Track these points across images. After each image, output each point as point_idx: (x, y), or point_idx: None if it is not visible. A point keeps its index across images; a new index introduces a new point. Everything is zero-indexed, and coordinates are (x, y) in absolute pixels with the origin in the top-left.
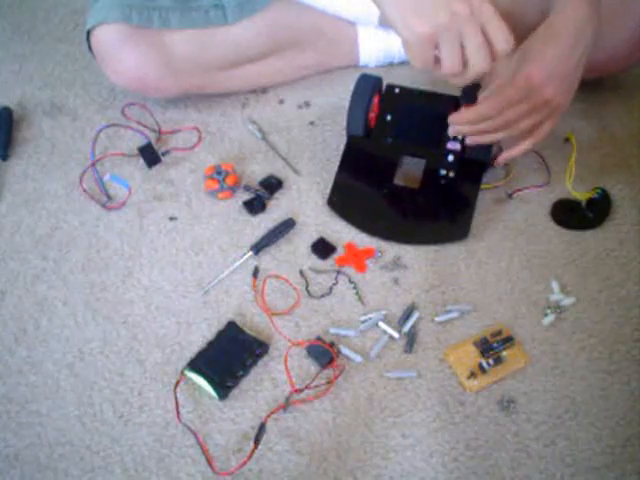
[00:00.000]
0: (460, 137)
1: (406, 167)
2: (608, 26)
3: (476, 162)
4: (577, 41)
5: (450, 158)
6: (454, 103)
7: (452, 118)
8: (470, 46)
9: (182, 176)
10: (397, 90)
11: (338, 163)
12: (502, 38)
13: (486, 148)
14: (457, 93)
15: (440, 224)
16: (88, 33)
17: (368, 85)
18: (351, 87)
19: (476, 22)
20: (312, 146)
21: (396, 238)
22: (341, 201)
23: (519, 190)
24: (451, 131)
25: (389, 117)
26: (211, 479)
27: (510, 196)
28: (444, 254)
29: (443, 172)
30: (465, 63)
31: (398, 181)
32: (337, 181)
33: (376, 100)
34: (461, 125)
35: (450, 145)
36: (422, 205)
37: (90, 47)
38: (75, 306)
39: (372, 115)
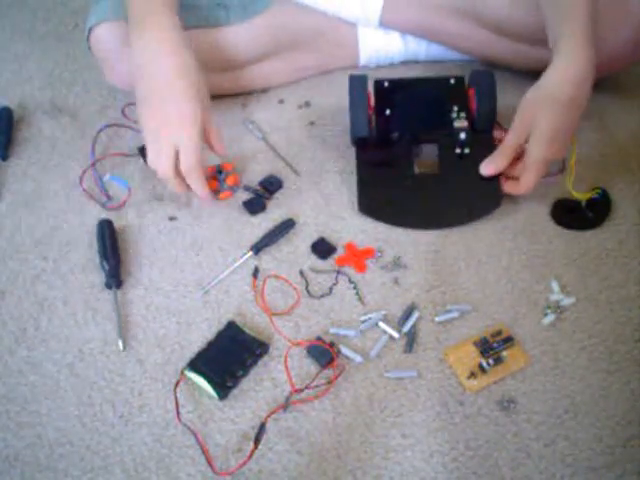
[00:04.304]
0: (464, 115)
1: (422, 155)
2: (607, 27)
3: (486, 132)
4: (575, 104)
5: (462, 136)
6: (445, 84)
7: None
8: None
9: None
10: (386, 84)
11: (355, 170)
12: None
13: (490, 116)
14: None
15: (471, 201)
16: (88, 33)
17: (362, 85)
18: None
19: None
20: (312, 146)
21: (434, 225)
22: (371, 204)
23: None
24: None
25: (388, 111)
26: (211, 479)
27: None
28: (444, 254)
29: (458, 151)
30: None
31: (418, 170)
32: (361, 187)
33: (370, 98)
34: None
35: (457, 123)
36: (448, 187)
37: (90, 47)
38: (75, 306)
39: (370, 113)
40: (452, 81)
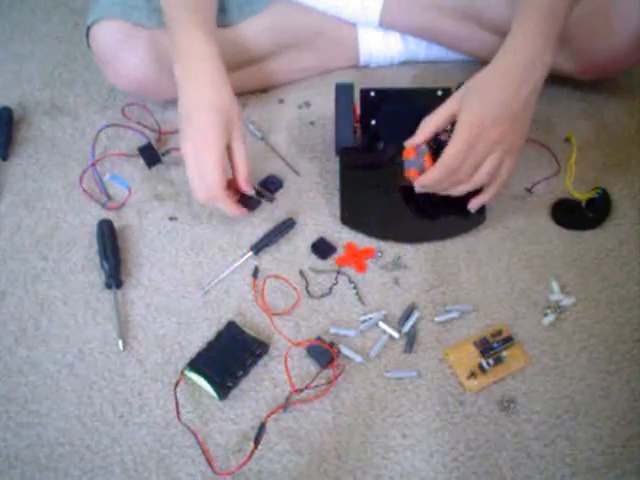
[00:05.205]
0: (450, 127)
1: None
2: (604, 30)
3: None
4: (523, 80)
5: None
6: (432, 95)
7: (418, 182)
8: None
9: (182, 176)
10: (373, 93)
11: (339, 181)
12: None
13: None
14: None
15: (456, 215)
16: (88, 31)
17: (348, 94)
18: None
19: None
20: (312, 146)
21: (420, 239)
22: (355, 216)
23: (538, 183)
24: (417, 189)
25: (374, 122)
26: (211, 479)
27: (529, 191)
28: (444, 254)
29: None
30: None
31: (403, 182)
32: (344, 198)
33: (355, 107)
34: (428, 184)
35: (442, 136)
36: (434, 200)
37: (89, 45)
38: (75, 306)
39: (356, 124)
40: (439, 92)
